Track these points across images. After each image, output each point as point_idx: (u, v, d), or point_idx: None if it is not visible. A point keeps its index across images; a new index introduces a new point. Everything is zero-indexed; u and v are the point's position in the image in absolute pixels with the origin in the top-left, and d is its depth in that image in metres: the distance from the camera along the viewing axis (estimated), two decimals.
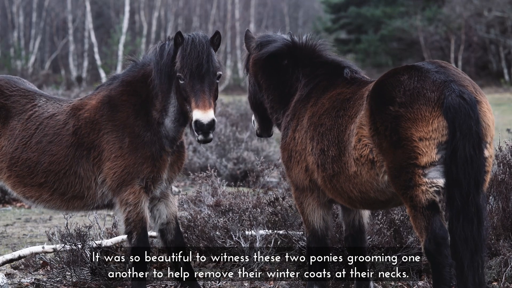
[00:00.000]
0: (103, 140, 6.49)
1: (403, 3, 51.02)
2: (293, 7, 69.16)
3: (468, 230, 5.17)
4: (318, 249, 6.30)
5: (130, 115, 6.51)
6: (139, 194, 6.45)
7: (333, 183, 5.85)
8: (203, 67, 6.23)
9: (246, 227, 8.17)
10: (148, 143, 6.45)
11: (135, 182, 6.43)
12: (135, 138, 6.45)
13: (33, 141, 6.67)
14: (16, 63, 48.43)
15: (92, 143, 6.52)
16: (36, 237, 10.19)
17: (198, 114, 6.10)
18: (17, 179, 6.73)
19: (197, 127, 6.10)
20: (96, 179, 6.54)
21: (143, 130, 6.47)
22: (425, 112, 5.22)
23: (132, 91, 6.58)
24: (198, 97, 6.13)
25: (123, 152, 6.43)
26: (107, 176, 6.47)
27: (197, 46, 6.26)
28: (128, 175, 6.42)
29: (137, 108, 6.53)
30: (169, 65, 6.36)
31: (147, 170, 6.42)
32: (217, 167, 15.23)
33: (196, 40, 6.29)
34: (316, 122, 6.03)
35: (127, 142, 6.44)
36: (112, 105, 6.56)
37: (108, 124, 6.51)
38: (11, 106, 6.82)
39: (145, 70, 6.61)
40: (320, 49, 6.55)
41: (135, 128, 6.47)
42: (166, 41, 6.48)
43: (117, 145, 6.45)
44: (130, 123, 6.48)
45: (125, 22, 47.90)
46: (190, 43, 6.28)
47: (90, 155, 6.53)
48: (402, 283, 6.88)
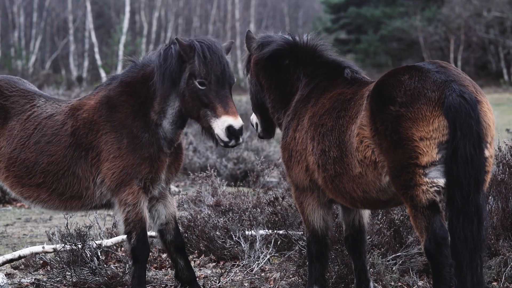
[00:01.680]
0: (102, 140, 6.48)
1: (402, 3, 51.04)
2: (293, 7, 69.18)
3: (468, 230, 5.17)
4: (318, 249, 6.30)
5: (129, 115, 6.50)
6: (138, 195, 6.45)
7: (335, 184, 5.85)
8: (226, 73, 6.33)
9: (246, 227, 8.17)
10: (146, 144, 6.45)
11: (134, 183, 6.42)
12: (133, 139, 6.44)
13: (32, 141, 6.66)
14: (16, 63, 48.45)
15: (91, 143, 6.51)
16: (36, 237, 10.19)
17: (230, 120, 6.19)
18: (15, 179, 6.72)
19: (230, 133, 6.20)
20: (94, 180, 6.53)
21: (141, 131, 6.47)
22: (425, 111, 5.23)
23: (131, 92, 6.57)
24: (226, 103, 6.22)
25: (121, 152, 6.43)
26: (106, 177, 6.47)
27: (217, 52, 6.33)
28: (127, 175, 6.42)
29: (136, 109, 6.53)
30: (174, 69, 6.36)
31: (146, 171, 6.42)
32: (217, 167, 15.24)
33: (214, 47, 6.35)
34: (316, 122, 6.03)
35: (126, 142, 6.43)
36: (111, 106, 6.55)
37: (106, 124, 6.51)
38: (10, 106, 6.81)
39: (145, 71, 6.60)
40: (321, 49, 6.55)
41: (133, 129, 6.46)
42: (171, 45, 6.45)
43: (115, 145, 6.44)
44: (129, 123, 6.47)
45: (126, 22, 47.92)
46: (210, 49, 6.32)
47: (88, 156, 6.52)
48: (402, 283, 6.88)
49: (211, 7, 58.15)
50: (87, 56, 51.65)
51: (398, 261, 7.07)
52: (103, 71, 47.00)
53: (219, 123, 6.22)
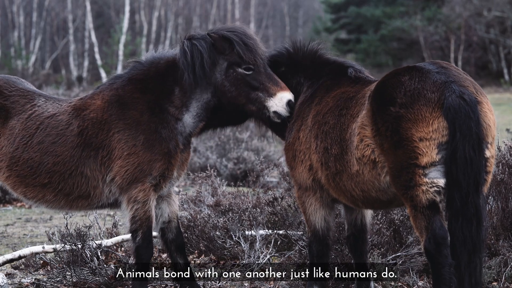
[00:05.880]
0: (114, 139, 6.46)
1: (403, 3, 51.01)
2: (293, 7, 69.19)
3: (467, 230, 5.17)
4: (319, 249, 6.31)
5: (144, 112, 6.49)
6: (149, 192, 6.43)
7: (336, 181, 5.88)
8: (265, 53, 6.59)
9: (246, 227, 8.18)
10: (166, 139, 6.46)
11: (146, 180, 6.41)
12: (151, 134, 6.43)
13: (35, 141, 6.62)
14: (16, 62, 48.43)
15: (101, 143, 6.48)
16: (37, 237, 10.19)
17: (287, 95, 6.41)
18: (18, 179, 6.68)
19: (290, 106, 6.41)
20: (104, 178, 6.49)
21: (160, 127, 6.47)
22: (425, 112, 5.24)
23: (144, 88, 6.57)
24: (276, 81, 6.47)
25: (136, 149, 6.41)
26: (117, 174, 6.44)
27: (252, 36, 6.55)
28: (141, 172, 6.40)
29: (152, 105, 6.52)
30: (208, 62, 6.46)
31: (162, 167, 6.42)
32: (217, 167, 15.24)
33: (248, 33, 6.56)
34: (320, 120, 6.06)
35: (142, 139, 6.42)
36: (122, 104, 6.53)
37: (119, 123, 6.48)
38: (10, 106, 6.79)
39: (157, 67, 6.62)
40: (320, 52, 6.60)
41: (151, 125, 6.45)
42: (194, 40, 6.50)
43: (130, 143, 6.42)
44: (145, 120, 6.46)
45: (125, 22, 47.91)
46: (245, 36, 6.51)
47: (98, 155, 6.49)
48: (402, 283, 6.89)
49: (211, 7, 58.14)
50: (87, 56, 51.65)
51: (398, 261, 7.08)
52: (103, 71, 47.00)
53: (276, 101, 6.41)
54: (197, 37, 6.52)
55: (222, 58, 6.49)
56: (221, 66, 6.49)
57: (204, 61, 6.42)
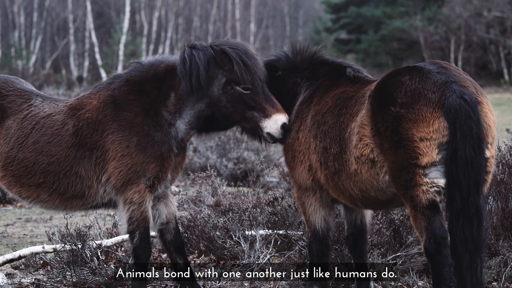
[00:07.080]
0: (108, 140, 6.47)
1: (403, 3, 51.03)
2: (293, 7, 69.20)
3: (467, 231, 5.18)
4: (319, 249, 6.31)
5: (138, 114, 6.49)
6: (144, 193, 6.44)
7: (335, 181, 5.88)
8: (264, 74, 6.53)
9: (246, 227, 8.18)
10: (159, 142, 6.46)
11: (141, 181, 6.42)
12: (144, 137, 6.43)
13: (30, 141, 6.62)
14: (17, 63, 48.43)
15: (95, 143, 6.49)
16: (37, 237, 10.19)
17: (282, 118, 6.39)
18: (13, 179, 6.68)
19: (284, 129, 6.39)
20: (98, 178, 6.51)
21: (153, 130, 6.47)
22: (426, 113, 5.24)
23: (140, 91, 6.57)
24: (273, 102, 6.44)
25: (130, 151, 6.42)
26: (112, 175, 6.45)
27: (254, 56, 6.49)
28: (135, 173, 6.41)
29: (146, 107, 6.52)
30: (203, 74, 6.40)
31: (156, 169, 6.42)
32: (217, 167, 15.24)
33: (250, 52, 6.49)
34: (319, 120, 6.07)
35: (135, 141, 6.42)
36: (117, 105, 6.53)
37: (113, 124, 6.49)
38: (7, 106, 6.79)
39: (156, 71, 6.61)
40: (318, 53, 6.61)
41: (144, 127, 6.45)
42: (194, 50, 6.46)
43: (123, 144, 6.43)
44: (139, 122, 6.46)
45: (126, 22, 47.91)
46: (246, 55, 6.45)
47: (92, 156, 6.50)
48: (402, 283, 6.89)
49: (211, 7, 58.14)
50: (88, 56, 51.66)
51: (398, 261, 7.08)
52: (104, 71, 47.00)
53: (271, 123, 6.38)
54: (198, 48, 6.48)
55: (221, 73, 6.46)
56: (219, 81, 6.47)
57: (200, 73, 6.39)
